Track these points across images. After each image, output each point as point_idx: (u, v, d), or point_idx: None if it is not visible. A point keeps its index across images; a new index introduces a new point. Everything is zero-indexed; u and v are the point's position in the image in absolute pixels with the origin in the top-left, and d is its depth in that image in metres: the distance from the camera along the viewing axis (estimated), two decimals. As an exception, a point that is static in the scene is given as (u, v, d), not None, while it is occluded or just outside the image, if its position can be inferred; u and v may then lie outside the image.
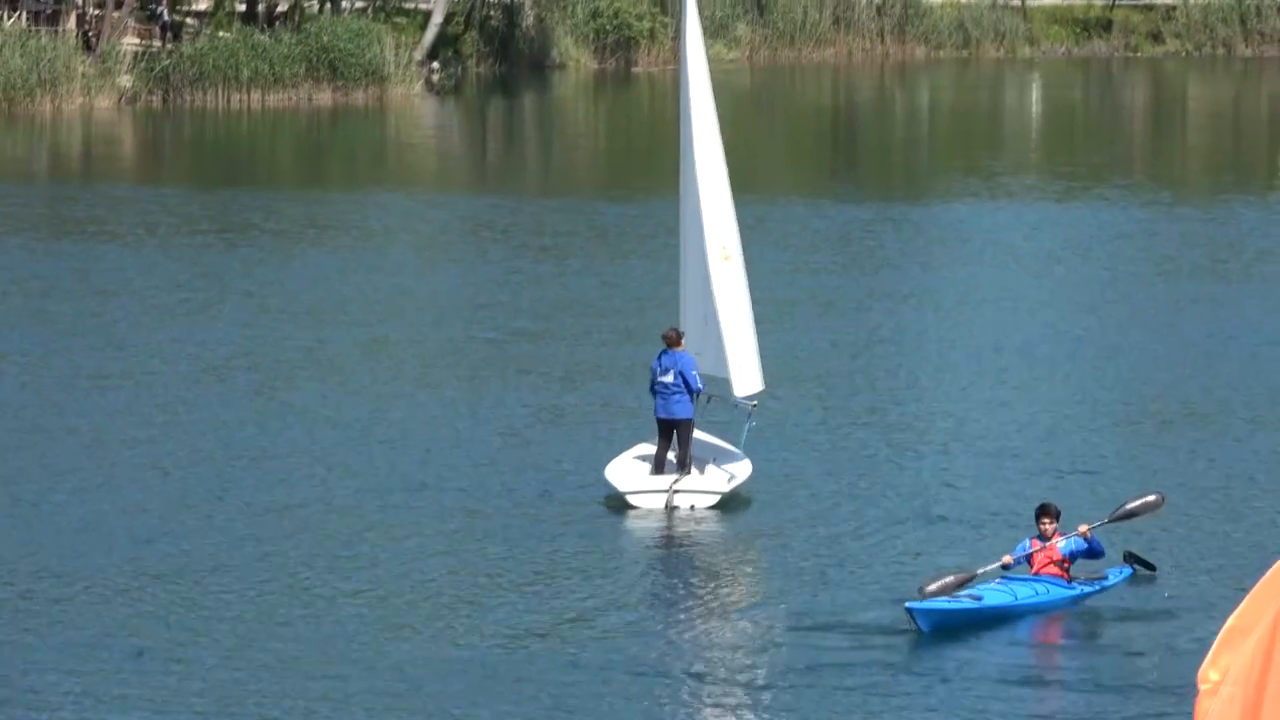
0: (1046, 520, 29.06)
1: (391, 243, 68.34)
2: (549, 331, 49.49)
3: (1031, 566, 28.89)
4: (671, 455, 35.10)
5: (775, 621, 29.07)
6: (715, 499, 34.60)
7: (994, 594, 28.39)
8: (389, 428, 40.25)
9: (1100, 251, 63.81)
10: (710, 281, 35.91)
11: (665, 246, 37.94)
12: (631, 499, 34.53)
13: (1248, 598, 8.53)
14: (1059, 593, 28.79)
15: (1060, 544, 28.95)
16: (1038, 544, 28.92)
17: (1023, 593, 28.53)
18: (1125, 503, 30.23)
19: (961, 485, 35.52)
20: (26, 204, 79.11)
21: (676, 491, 34.44)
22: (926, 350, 48.21)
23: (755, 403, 35.78)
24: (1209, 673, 8.48)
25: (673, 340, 35.33)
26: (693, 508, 34.45)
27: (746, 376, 35.99)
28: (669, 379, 34.81)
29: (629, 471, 35.22)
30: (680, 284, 37.01)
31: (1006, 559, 28.95)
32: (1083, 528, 29.24)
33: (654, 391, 35.09)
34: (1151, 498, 30.22)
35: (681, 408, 34.86)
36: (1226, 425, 40.00)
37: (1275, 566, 8.56)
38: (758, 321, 36.83)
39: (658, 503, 34.41)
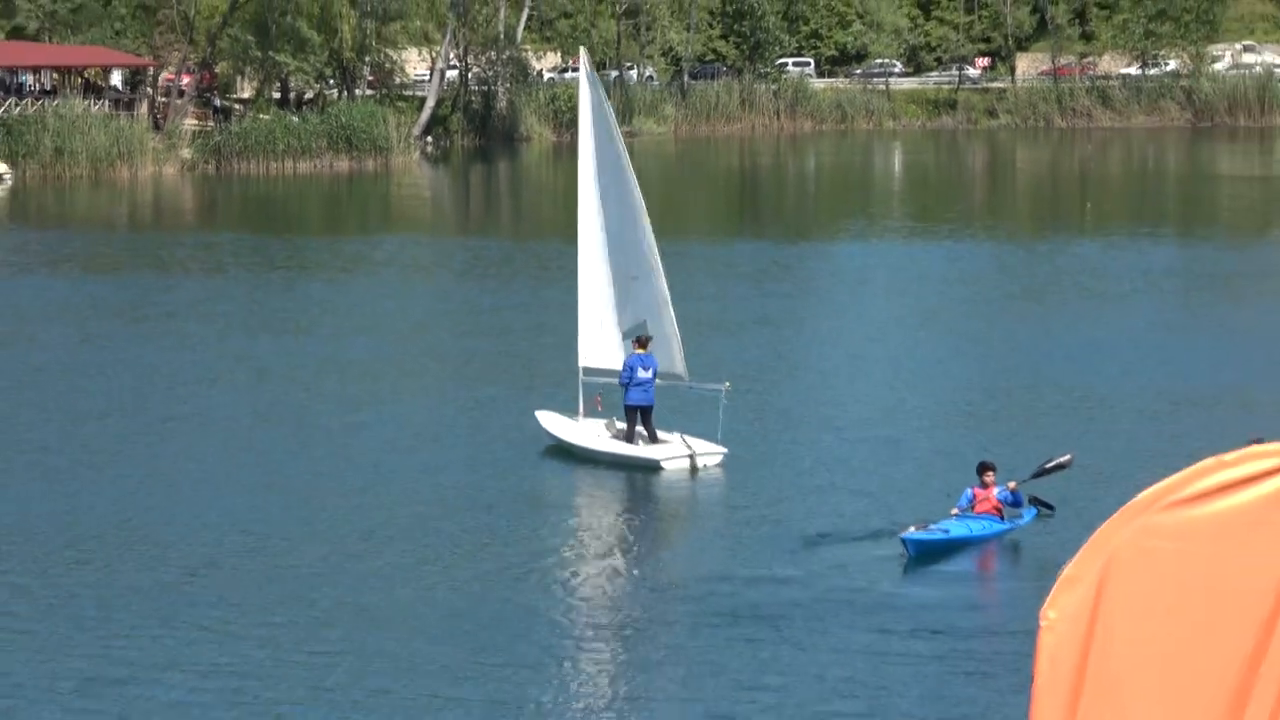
0: (990, 474, 29.64)
1: (403, 274, 68.38)
2: (537, 341, 49.31)
3: (974, 508, 29.41)
4: (640, 430, 35.61)
5: (714, 577, 28.21)
6: (719, 457, 34.87)
7: (956, 527, 28.96)
8: (414, 418, 40.01)
9: (951, 279, 63.92)
10: (657, 292, 36.59)
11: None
12: (665, 464, 34.71)
13: (1080, 552, 8.43)
14: (997, 526, 29.43)
15: (996, 492, 29.54)
16: (980, 492, 29.47)
17: (975, 527, 29.17)
18: (1044, 462, 30.18)
19: (875, 461, 35.01)
20: (114, 248, 79.26)
21: (695, 455, 34.72)
22: (825, 357, 48.21)
23: (728, 384, 35.96)
24: (1048, 612, 8.37)
25: (645, 344, 35.71)
26: (705, 466, 34.69)
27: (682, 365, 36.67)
28: (649, 374, 35.40)
29: (627, 444, 35.60)
30: (589, 301, 37.22)
31: (954, 511, 29.48)
32: (1011, 484, 29.73)
33: (630, 384, 35.33)
34: (1065, 457, 30.20)
35: (653, 395, 35.56)
36: (1069, 410, 39.90)
37: (1101, 529, 8.45)
38: (695, 335, 37.14)
39: (684, 464, 34.72)
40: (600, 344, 37.02)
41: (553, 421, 36.68)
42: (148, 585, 27.42)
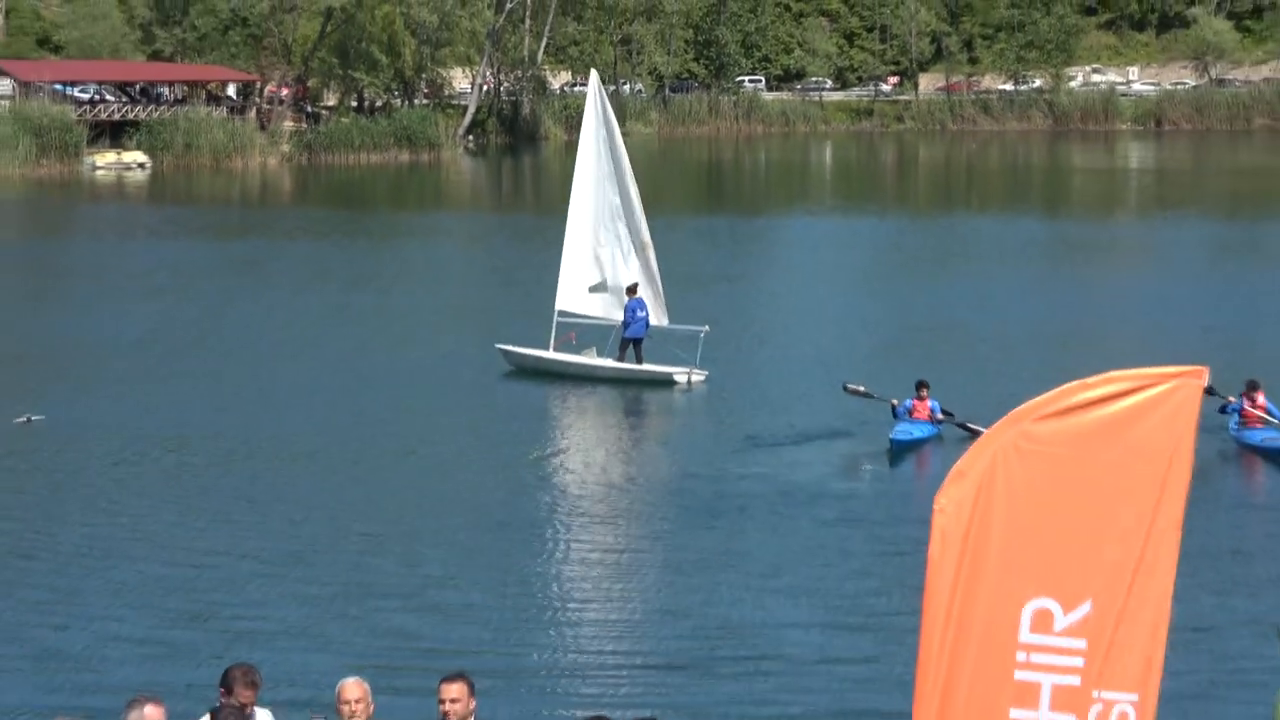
0: (925, 389, 29.73)
1: (455, 241, 68.50)
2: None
3: (911, 414, 29.48)
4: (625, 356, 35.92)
5: (689, 475, 28.03)
6: (703, 377, 34.90)
7: (915, 430, 29.11)
8: (460, 350, 39.69)
9: (872, 246, 64.05)
10: (644, 258, 36.57)
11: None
12: (676, 377, 34.85)
13: (967, 452, 8.31)
14: (933, 430, 29.40)
15: (930, 404, 29.58)
16: (917, 403, 29.56)
17: (926, 429, 29.29)
18: (966, 421, 28.95)
19: (820, 384, 34.54)
20: (234, 220, 79.16)
21: (690, 372, 34.85)
22: (779, 305, 48.13)
23: (707, 327, 35.76)
24: (940, 500, 8.23)
25: (635, 291, 35.78)
26: (693, 384, 34.81)
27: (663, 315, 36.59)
28: (643, 314, 35.64)
29: (634, 365, 35.63)
30: (570, 259, 37.01)
31: (894, 402, 29.77)
32: (940, 415, 29.53)
33: (631, 323, 35.55)
34: (980, 428, 28.16)
35: (645, 329, 35.69)
36: (969, 343, 39.75)
37: (985, 433, 8.32)
38: (671, 291, 37.22)
39: (683, 379, 34.94)
40: (577, 293, 36.97)
41: (539, 352, 36.53)
42: (254, 475, 27.38)
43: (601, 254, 36.74)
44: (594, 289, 36.70)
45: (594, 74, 39.43)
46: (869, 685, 17.34)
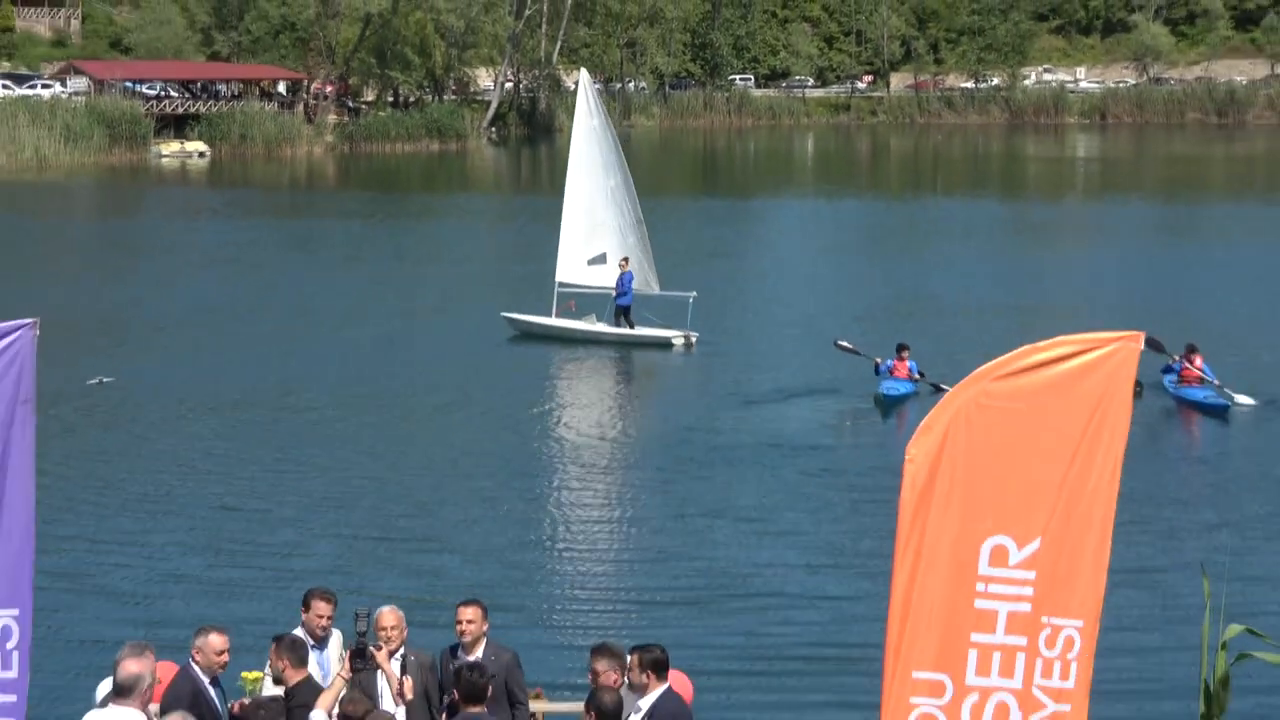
0: (905, 351, 29.69)
1: (482, 220, 68.14)
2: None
3: (892, 373, 29.47)
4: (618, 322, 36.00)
5: (683, 429, 27.81)
6: (696, 336, 34.87)
7: (899, 386, 29.12)
8: (481, 316, 39.25)
9: (851, 225, 63.89)
10: (639, 235, 36.49)
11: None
12: (673, 339, 34.74)
13: (934, 408, 8.28)
14: (912, 386, 29.29)
15: (909, 364, 29.55)
16: (898, 363, 29.50)
17: (907, 386, 29.20)
18: (940, 381, 28.69)
19: (802, 346, 34.46)
20: (286, 203, 78.88)
21: (688, 335, 34.82)
22: (767, 276, 47.95)
23: (694, 294, 35.63)
24: (910, 450, 8.23)
25: (627, 264, 35.84)
26: (690, 346, 34.70)
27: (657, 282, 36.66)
28: (634, 286, 35.70)
29: (635, 328, 35.54)
30: (567, 235, 36.93)
31: (877, 360, 29.71)
32: (916, 374, 29.44)
33: (624, 291, 35.56)
34: (946, 387, 28.62)
35: (631, 299, 35.71)
36: (936, 312, 39.57)
37: (949, 391, 8.26)
38: (671, 264, 37.24)
39: (680, 342, 34.90)
40: (575, 265, 36.89)
41: (541, 319, 36.44)
42: (296, 431, 27.34)
43: (600, 230, 36.64)
44: (592, 262, 36.65)
45: (583, 73, 39.36)
46: (851, 620, 17.24)
